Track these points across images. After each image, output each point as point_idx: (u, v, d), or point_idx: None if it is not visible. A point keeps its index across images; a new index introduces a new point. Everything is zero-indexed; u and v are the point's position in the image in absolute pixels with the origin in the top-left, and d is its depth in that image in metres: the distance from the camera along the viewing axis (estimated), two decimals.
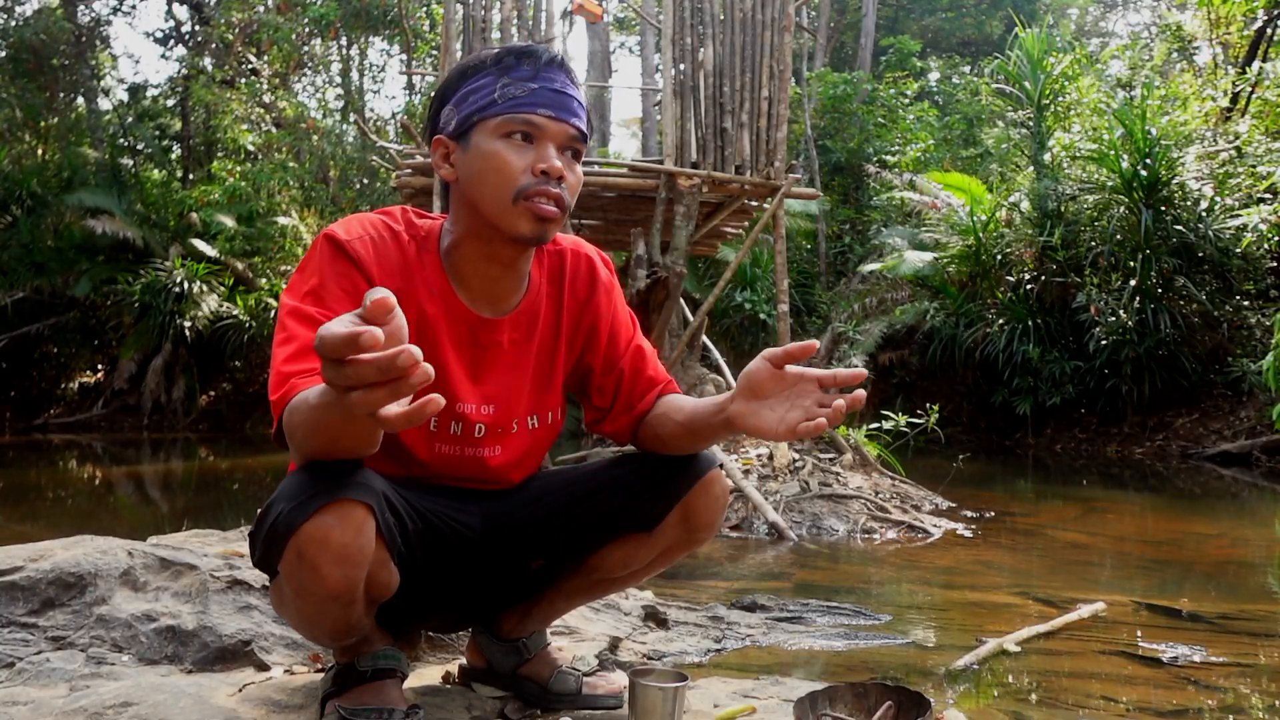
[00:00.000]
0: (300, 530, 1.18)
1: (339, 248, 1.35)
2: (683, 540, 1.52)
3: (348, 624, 1.33)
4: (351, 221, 1.40)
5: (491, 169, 1.36)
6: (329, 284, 1.33)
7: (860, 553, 4.73)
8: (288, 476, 1.27)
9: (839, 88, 16.28)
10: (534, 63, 1.38)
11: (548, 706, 1.60)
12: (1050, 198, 10.77)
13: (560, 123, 1.38)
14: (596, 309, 1.54)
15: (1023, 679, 2.52)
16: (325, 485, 1.19)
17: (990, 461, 9.44)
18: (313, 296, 1.32)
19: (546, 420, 1.54)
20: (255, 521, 1.32)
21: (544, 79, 1.38)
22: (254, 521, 1.33)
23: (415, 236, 1.43)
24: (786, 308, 6.60)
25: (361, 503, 1.20)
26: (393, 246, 1.40)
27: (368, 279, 1.35)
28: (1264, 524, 6.07)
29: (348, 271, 1.34)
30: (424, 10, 15.79)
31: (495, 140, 1.36)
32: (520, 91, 1.36)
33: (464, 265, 1.43)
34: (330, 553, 1.19)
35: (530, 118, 1.36)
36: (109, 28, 34.54)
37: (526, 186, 1.35)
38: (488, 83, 1.38)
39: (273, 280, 13.56)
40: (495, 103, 1.36)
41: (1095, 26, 25.28)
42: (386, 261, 1.38)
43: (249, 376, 14.52)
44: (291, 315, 1.31)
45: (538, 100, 1.36)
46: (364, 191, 15.83)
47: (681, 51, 6.27)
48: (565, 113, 1.38)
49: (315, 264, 1.35)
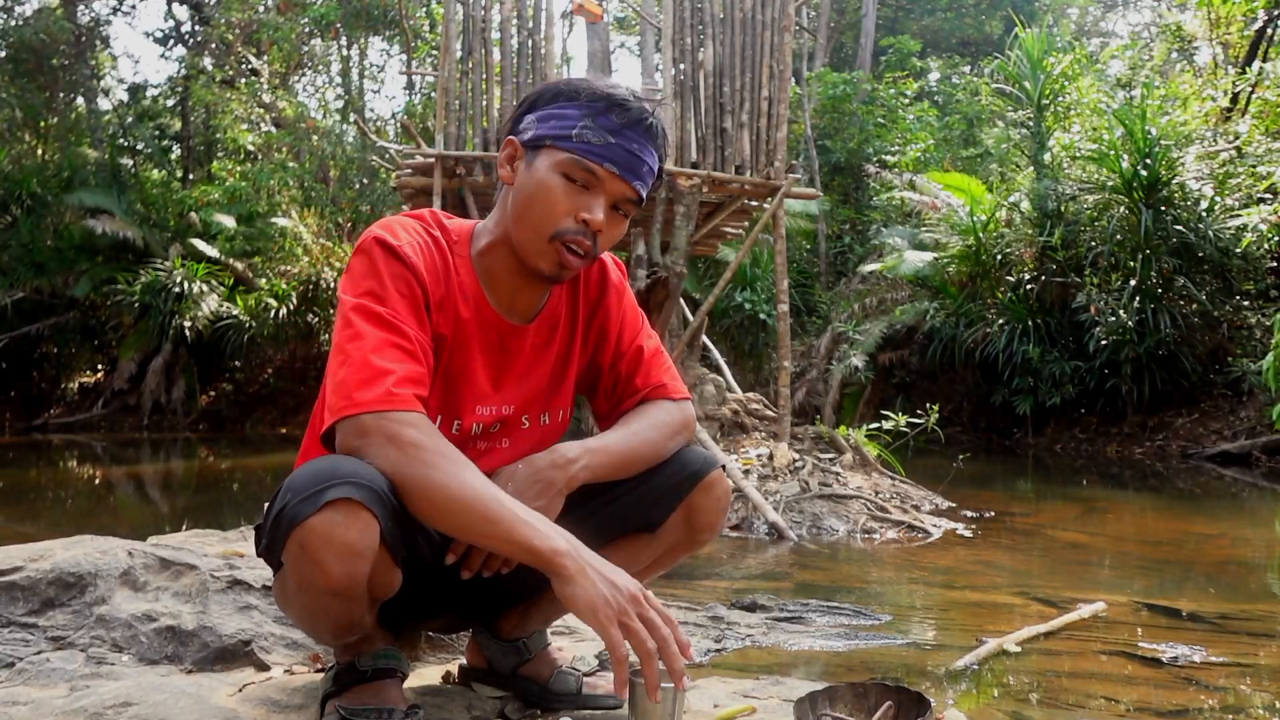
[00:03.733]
0: (305, 524, 1.19)
1: (393, 252, 1.35)
2: (685, 541, 1.53)
3: (349, 620, 1.34)
4: (394, 226, 1.40)
5: (540, 199, 1.37)
6: (388, 285, 1.33)
7: (860, 553, 4.73)
8: (299, 468, 1.27)
9: (839, 88, 16.28)
10: (622, 117, 1.38)
11: (548, 706, 1.60)
12: (1050, 198, 10.77)
13: (622, 183, 1.38)
14: (607, 310, 1.56)
15: (1023, 679, 2.52)
16: (335, 480, 1.19)
17: (990, 461, 9.44)
18: (374, 296, 1.33)
19: (557, 418, 1.56)
20: (265, 510, 1.32)
21: (624, 138, 1.38)
22: (264, 511, 1.34)
23: (449, 241, 1.45)
24: (786, 308, 6.60)
25: (367, 503, 1.20)
26: (435, 252, 1.41)
27: (421, 285, 1.36)
28: (1264, 524, 6.07)
29: (403, 274, 1.35)
30: (424, 10, 15.80)
31: (555, 174, 1.37)
32: (597, 139, 1.36)
33: (495, 268, 1.45)
34: (334, 548, 1.19)
35: (595, 168, 1.36)
36: (109, 28, 34.57)
37: (564, 231, 1.37)
38: (574, 115, 1.38)
39: (273, 280, 13.56)
40: (570, 139, 1.37)
41: (1095, 26, 25.28)
42: (432, 268, 1.40)
43: (249, 376, 14.53)
44: (357, 312, 1.32)
45: (609, 155, 1.37)
46: (364, 191, 15.83)
47: (681, 51, 6.27)
48: (630, 174, 1.38)
49: (370, 266, 1.35)
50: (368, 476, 1.22)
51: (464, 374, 1.43)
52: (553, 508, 1.36)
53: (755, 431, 6.73)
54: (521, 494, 1.34)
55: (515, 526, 1.22)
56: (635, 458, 1.45)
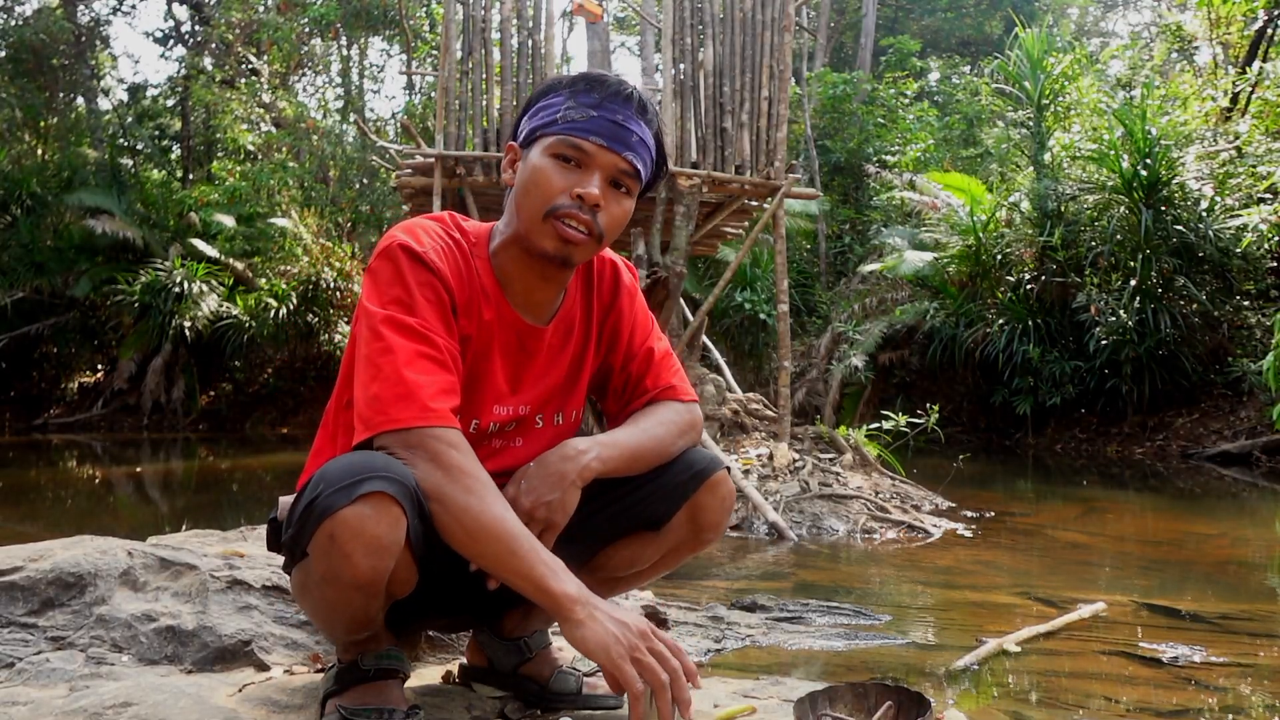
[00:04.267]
0: (337, 515, 1.20)
1: (417, 258, 1.36)
2: (689, 540, 1.53)
3: (367, 616, 1.35)
4: (416, 230, 1.41)
5: (533, 183, 1.39)
6: (415, 293, 1.34)
7: (860, 553, 4.73)
8: (331, 461, 1.28)
9: (839, 88, 16.29)
10: (601, 91, 1.40)
11: (548, 706, 1.60)
12: (1050, 198, 10.78)
13: (610, 153, 1.39)
14: (620, 312, 1.58)
15: (1023, 679, 2.52)
16: (370, 474, 1.21)
17: (990, 461, 9.44)
18: (402, 305, 1.33)
19: (570, 418, 1.57)
20: (292, 502, 1.33)
21: (606, 109, 1.40)
22: (290, 503, 1.35)
23: (469, 243, 1.46)
24: (786, 308, 6.60)
25: (399, 499, 1.22)
26: (458, 255, 1.42)
27: (447, 290, 1.37)
28: (1264, 524, 6.07)
29: (430, 281, 1.36)
30: (424, 10, 15.80)
31: (545, 158, 1.39)
32: (580, 116, 1.39)
33: (510, 268, 1.46)
34: (363, 541, 1.21)
35: (579, 143, 1.38)
36: (109, 28, 34.59)
37: (559, 206, 1.38)
38: (557, 102, 1.41)
39: (272, 280, 13.56)
40: (555, 122, 1.40)
41: (1095, 26, 25.28)
42: (456, 272, 1.41)
43: (249, 376, 14.53)
44: (387, 324, 1.32)
45: (592, 128, 1.38)
46: (364, 191, 15.84)
47: (681, 51, 6.27)
48: (619, 145, 1.40)
49: (395, 273, 1.35)
50: (401, 473, 1.23)
51: (484, 374, 1.45)
52: (569, 499, 1.37)
53: (755, 432, 6.73)
54: (537, 489, 1.36)
55: (535, 566, 1.25)
56: (644, 454, 1.46)
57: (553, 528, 1.36)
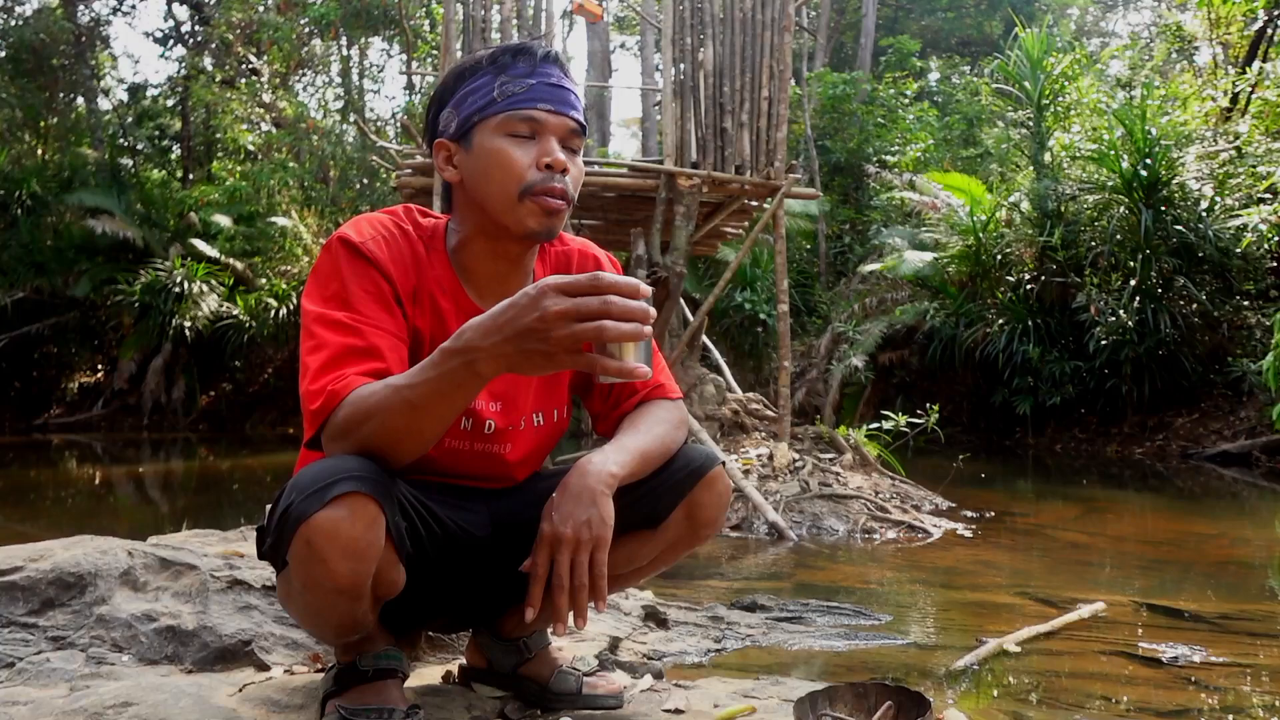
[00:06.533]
0: (311, 520, 1.19)
1: (354, 250, 1.36)
2: (686, 537, 1.53)
3: (354, 619, 1.34)
4: (360, 223, 1.41)
5: (497, 166, 1.38)
6: (351, 286, 1.34)
7: (860, 553, 4.73)
8: (303, 468, 1.27)
9: (839, 88, 16.28)
10: (530, 59, 1.40)
11: (548, 706, 1.60)
12: (1050, 198, 10.77)
13: (560, 116, 1.40)
14: None
15: (1023, 679, 2.52)
16: (340, 477, 1.19)
17: (990, 461, 9.43)
18: (337, 301, 1.33)
19: (552, 418, 1.56)
20: (268, 511, 1.32)
21: (541, 74, 1.40)
22: (266, 513, 1.34)
23: (423, 234, 1.45)
24: (786, 308, 6.60)
25: (374, 498, 1.20)
26: (404, 244, 1.42)
27: (387, 278, 1.36)
28: (1264, 524, 6.07)
29: (367, 272, 1.35)
30: (424, 10, 15.79)
31: (498, 138, 1.38)
32: (519, 88, 1.38)
33: (472, 263, 1.45)
34: (340, 545, 1.19)
35: (531, 113, 1.38)
36: (109, 28, 34.56)
37: (533, 183, 1.37)
38: (485, 82, 1.40)
39: (272, 280, 13.57)
40: (495, 101, 1.38)
41: (1095, 26, 25.26)
42: (400, 259, 1.40)
43: (249, 376, 14.53)
44: (319, 322, 1.32)
45: (537, 95, 1.38)
46: (364, 191, 15.83)
47: (681, 51, 6.27)
48: (564, 106, 1.40)
49: (332, 268, 1.35)
50: (375, 471, 1.22)
51: None
52: (604, 510, 1.31)
53: (755, 431, 6.73)
54: (571, 513, 1.30)
55: (441, 360, 1.17)
56: (653, 455, 1.46)
57: (601, 543, 1.30)
